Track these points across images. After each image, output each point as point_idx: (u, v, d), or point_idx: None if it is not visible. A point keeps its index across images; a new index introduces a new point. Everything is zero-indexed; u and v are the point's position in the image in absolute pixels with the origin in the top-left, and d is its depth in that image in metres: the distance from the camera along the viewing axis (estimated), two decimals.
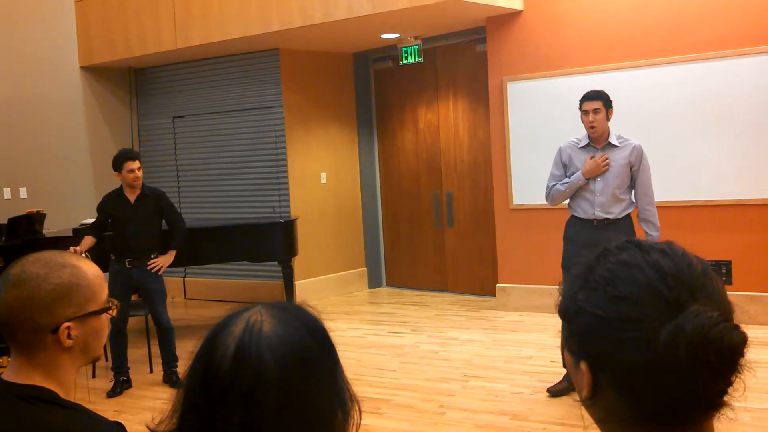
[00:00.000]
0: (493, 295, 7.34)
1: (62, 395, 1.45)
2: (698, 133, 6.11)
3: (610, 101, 4.58)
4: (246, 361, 0.98)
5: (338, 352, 1.06)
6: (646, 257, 0.89)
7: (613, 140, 4.58)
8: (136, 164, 5.28)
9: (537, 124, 6.79)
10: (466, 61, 7.79)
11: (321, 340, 1.04)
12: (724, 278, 5.98)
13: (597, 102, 4.52)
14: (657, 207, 4.65)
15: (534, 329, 6.30)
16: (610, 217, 4.53)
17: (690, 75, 6.11)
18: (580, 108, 4.59)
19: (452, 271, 8.13)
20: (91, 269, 1.49)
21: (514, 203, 7.01)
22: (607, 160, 4.53)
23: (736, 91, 5.95)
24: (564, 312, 0.94)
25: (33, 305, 1.41)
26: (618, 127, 4.72)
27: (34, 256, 1.47)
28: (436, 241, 8.25)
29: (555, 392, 4.65)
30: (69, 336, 1.44)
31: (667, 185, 6.11)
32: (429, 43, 7.70)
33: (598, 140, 4.59)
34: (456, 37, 7.73)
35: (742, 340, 0.84)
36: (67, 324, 1.43)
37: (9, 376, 1.45)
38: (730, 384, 0.87)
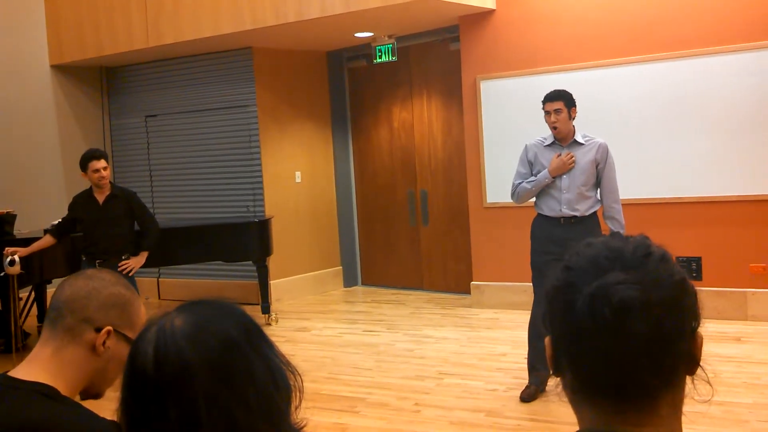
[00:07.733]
0: (468, 292, 7.38)
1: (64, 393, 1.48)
2: (669, 131, 6.18)
3: (573, 100, 4.54)
4: (165, 356, 1.00)
5: (313, 351, 1.07)
6: (607, 240, 0.98)
7: (578, 138, 4.58)
8: (101, 163, 5.20)
9: (510, 123, 6.83)
10: (439, 60, 7.81)
11: (237, 318, 1.06)
12: (693, 274, 6.06)
13: (558, 102, 4.50)
14: (629, 204, 4.67)
15: (508, 326, 6.34)
16: (577, 214, 4.53)
17: (660, 73, 6.19)
18: (543, 108, 4.59)
19: (427, 269, 8.16)
20: (143, 308, 1.63)
21: (488, 201, 7.05)
22: (573, 158, 4.53)
23: (706, 90, 6.03)
24: (546, 290, 1.01)
25: (95, 297, 1.53)
26: (589, 125, 4.75)
27: (105, 270, 1.66)
28: (411, 239, 8.27)
29: (527, 396, 4.54)
30: (104, 343, 1.51)
31: (638, 182, 6.19)
32: (402, 41, 7.72)
33: (563, 139, 4.59)
34: (429, 35, 7.75)
35: (635, 298, 0.89)
36: (109, 328, 1.52)
37: (17, 372, 1.49)
38: (658, 363, 0.90)
